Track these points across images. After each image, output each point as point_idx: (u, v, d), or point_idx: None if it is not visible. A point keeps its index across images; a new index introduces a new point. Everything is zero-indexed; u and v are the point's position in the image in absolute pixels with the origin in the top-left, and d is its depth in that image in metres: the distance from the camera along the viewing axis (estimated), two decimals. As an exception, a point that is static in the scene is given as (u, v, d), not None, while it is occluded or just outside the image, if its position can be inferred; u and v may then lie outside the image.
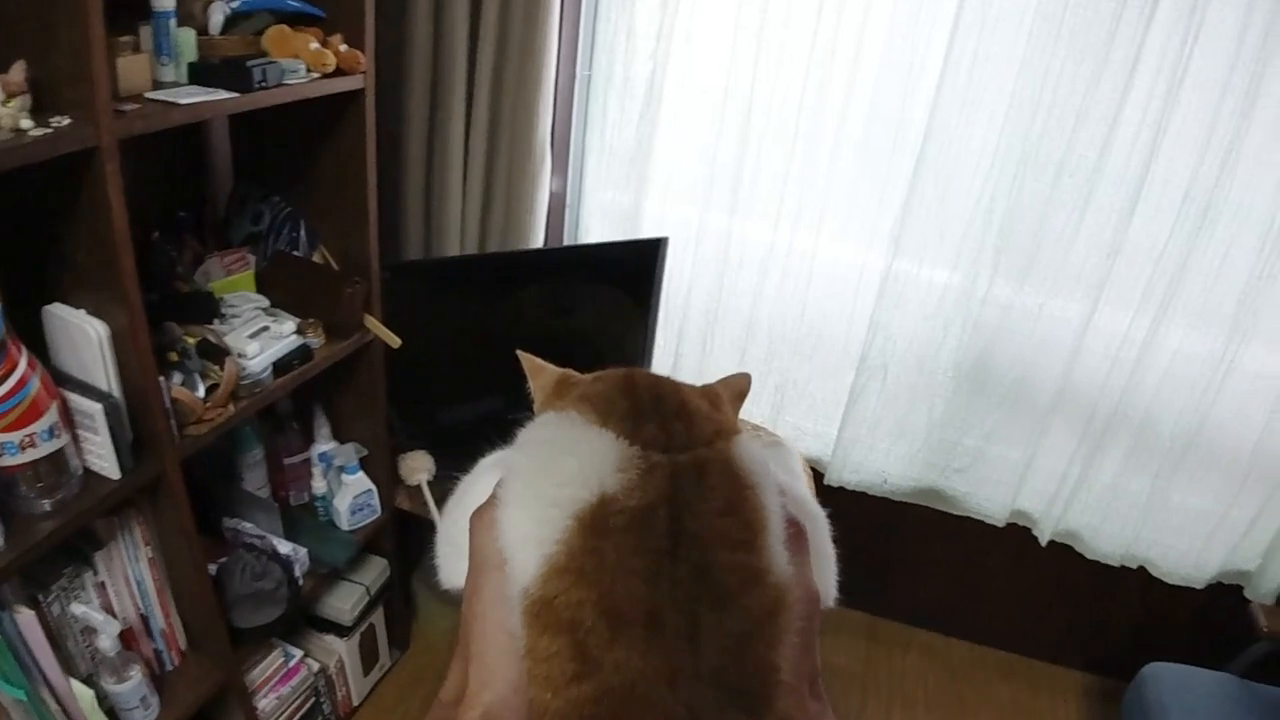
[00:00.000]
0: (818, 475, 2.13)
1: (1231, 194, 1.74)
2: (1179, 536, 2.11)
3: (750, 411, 2.11)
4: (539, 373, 0.52)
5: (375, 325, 1.73)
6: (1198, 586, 2.15)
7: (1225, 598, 2.15)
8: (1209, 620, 2.16)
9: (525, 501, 0.41)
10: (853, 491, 2.14)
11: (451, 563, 0.51)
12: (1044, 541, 2.14)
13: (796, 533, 0.43)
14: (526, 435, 0.46)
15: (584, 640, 0.37)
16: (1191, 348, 1.90)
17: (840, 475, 2.11)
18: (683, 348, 2.15)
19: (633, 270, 1.99)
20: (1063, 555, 2.18)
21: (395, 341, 1.72)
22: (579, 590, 0.37)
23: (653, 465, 0.41)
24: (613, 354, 2.10)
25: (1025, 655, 2.43)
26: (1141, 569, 2.17)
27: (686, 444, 0.42)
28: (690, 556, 0.38)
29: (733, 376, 0.53)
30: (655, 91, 1.96)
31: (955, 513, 2.14)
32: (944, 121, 1.81)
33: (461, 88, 1.90)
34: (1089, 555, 2.17)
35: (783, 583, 0.40)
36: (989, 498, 2.10)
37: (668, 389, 0.46)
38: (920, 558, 2.37)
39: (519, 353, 0.55)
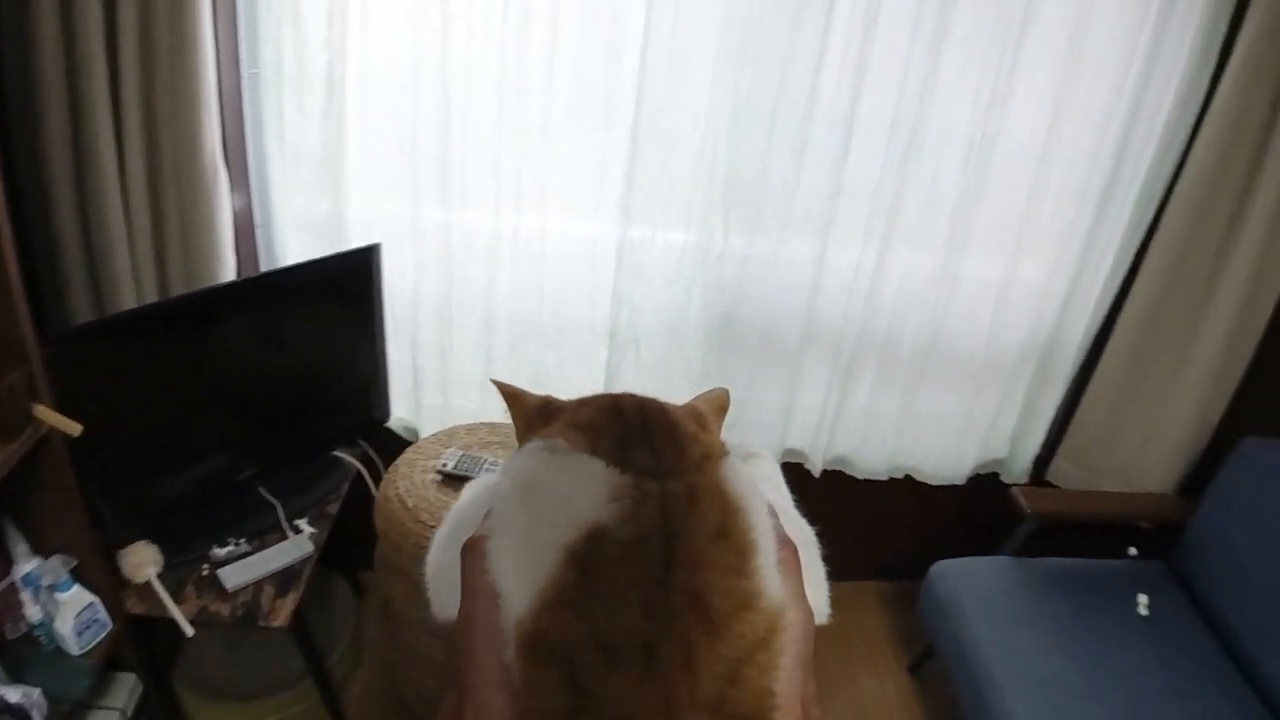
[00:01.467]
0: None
1: (932, 123, 1.83)
2: (935, 440, 2.27)
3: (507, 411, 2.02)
4: (517, 400, 0.53)
5: (47, 414, 1.48)
6: (960, 482, 2.34)
7: (986, 487, 2.35)
8: (978, 511, 2.36)
9: (516, 535, 0.42)
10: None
11: (442, 595, 0.50)
12: (817, 473, 2.23)
13: (789, 554, 0.43)
14: (514, 465, 0.46)
15: (579, 674, 0.37)
16: (917, 268, 2.01)
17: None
18: (420, 358, 2.01)
19: (347, 285, 1.83)
20: (837, 480, 2.29)
21: (74, 429, 1.48)
22: (574, 624, 0.38)
23: (645, 494, 0.41)
24: (344, 381, 1.94)
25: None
26: (908, 477, 2.33)
27: (677, 470, 0.43)
28: (683, 584, 0.39)
29: (712, 392, 0.55)
30: (336, 83, 1.77)
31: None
32: (654, 83, 1.76)
33: (106, 108, 1.62)
34: (860, 475, 2.29)
35: (776, 606, 0.40)
36: (761, 444, 2.14)
37: (654, 412, 0.47)
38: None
39: (493, 380, 0.56)
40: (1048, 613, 2.00)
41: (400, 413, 2.09)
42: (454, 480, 1.74)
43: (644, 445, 0.44)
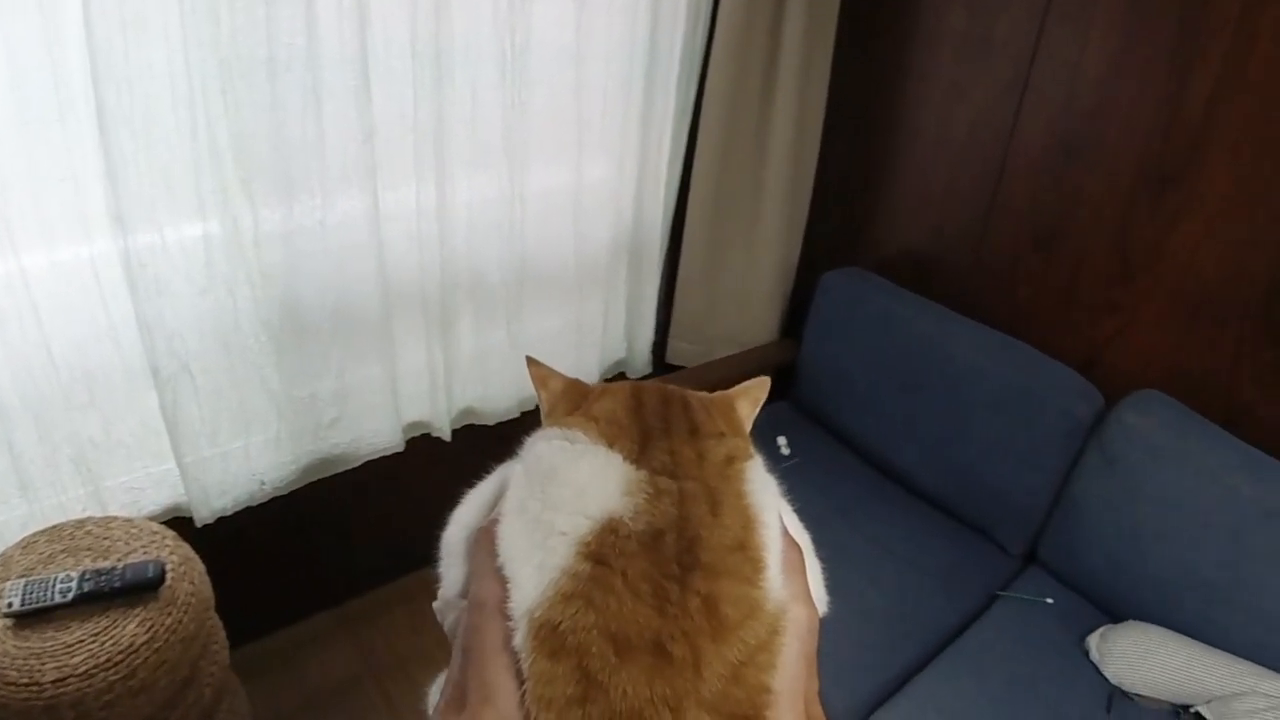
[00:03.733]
0: (186, 522, 1.77)
1: (456, 38, 1.68)
2: (556, 359, 2.20)
3: (63, 506, 1.64)
4: (546, 380, 0.54)
5: None
6: (590, 394, 2.32)
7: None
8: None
9: (529, 524, 0.43)
10: (237, 514, 1.83)
11: (452, 572, 0.51)
12: (448, 436, 2.11)
13: (795, 554, 0.46)
14: (533, 450, 0.47)
15: (589, 665, 0.38)
16: (483, 195, 1.89)
17: (211, 508, 1.78)
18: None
19: None
20: (470, 435, 2.18)
21: None
22: (586, 615, 0.39)
23: (660, 491, 0.43)
24: None
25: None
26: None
27: (697, 473, 0.45)
28: (701, 589, 0.41)
29: (752, 381, 0.57)
30: None
31: (355, 465, 1.98)
32: (110, 58, 1.41)
33: None
34: (493, 421, 2.20)
35: (778, 609, 0.42)
36: (376, 430, 1.97)
37: (676, 409, 0.50)
38: (344, 530, 2.21)
39: (528, 358, 0.57)
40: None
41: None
42: (33, 619, 1.35)
43: (663, 443, 0.46)
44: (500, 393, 2.17)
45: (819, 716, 0.44)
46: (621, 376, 2.43)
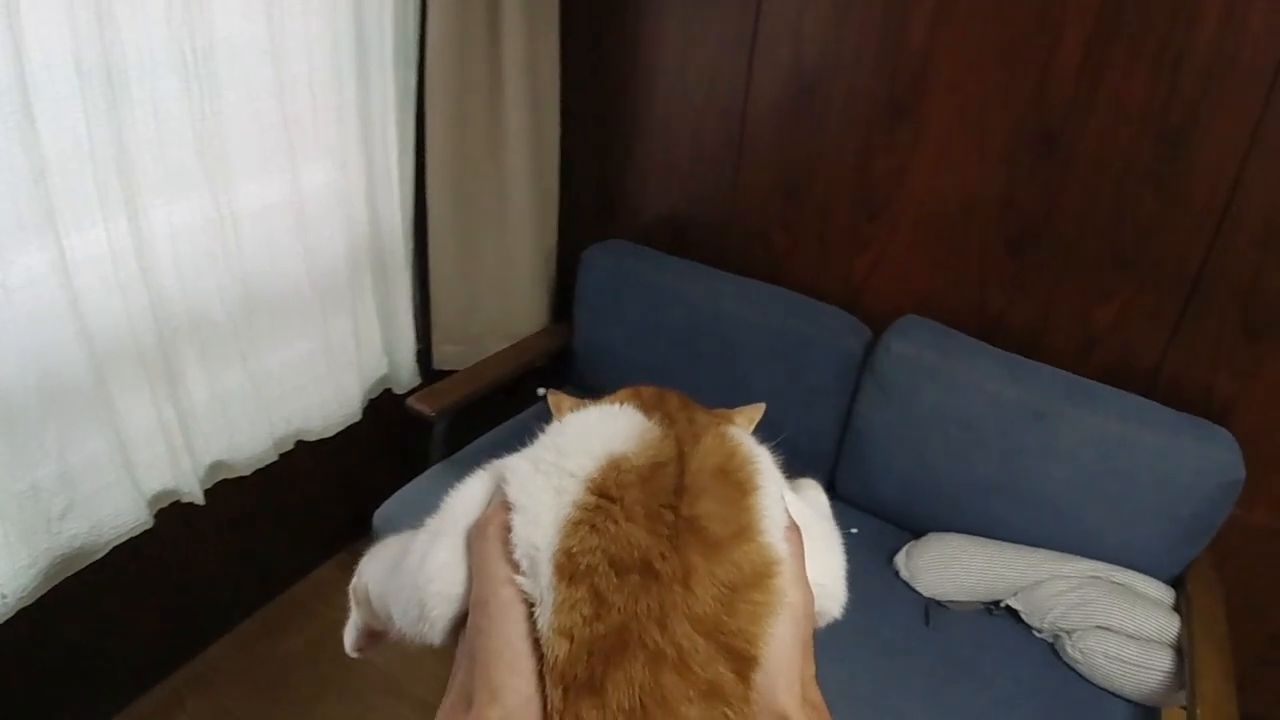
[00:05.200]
0: None
1: (127, 51, 1.47)
2: (316, 390, 2.04)
3: None
4: (561, 405, 0.57)
5: None
6: (358, 418, 2.18)
7: (389, 408, 2.22)
8: (392, 436, 2.26)
9: (545, 473, 0.47)
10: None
11: (407, 614, 0.50)
12: (200, 499, 1.87)
13: (795, 538, 0.48)
14: (543, 437, 0.52)
15: (599, 585, 0.42)
16: (186, 222, 1.68)
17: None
18: None
19: None
20: (227, 490, 1.96)
21: None
22: (591, 539, 0.43)
23: (664, 433, 0.49)
24: None
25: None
26: (300, 442, 2.09)
27: (692, 427, 0.51)
28: (685, 509, 0.45)
29: (748, 407, 0.62)
30: None
31: (102, 554, 1.73)
32: None
33: None
34: (249, 469, 1.99)
35: (774, 552, 0.45)
36: (116, 511, 1.72)
37: (672, 393, 0.58)
38: (110, 628, 1.95)
39: (549, 391, 0.64)
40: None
41: None
42: None
43: (662, 409, 0.53)
44: (250, 439, 1.95)
45: (816, 698, 0.46)
46: (388, 394, 2.27)
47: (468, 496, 0.52)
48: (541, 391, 2.32)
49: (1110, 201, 1.77)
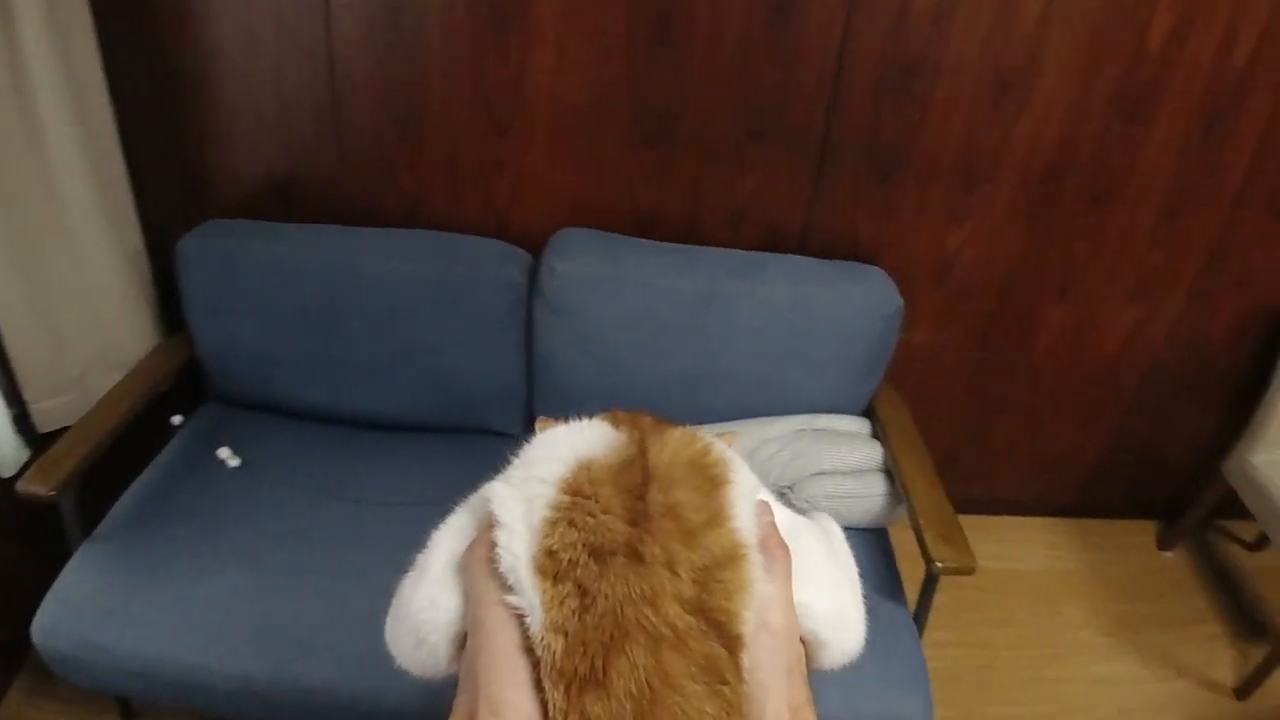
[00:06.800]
0: None
1: None
2: None
3: None
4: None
5: None
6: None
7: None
8: (21, 524, 1.80)
9: (517, 485, 0.50)
10: None
11: (407, 648, 0.54)
12: None
13: (782, 556, 0.51)
14: (517, 460, 0.55)
15: (581, 578, 0.45)
16: None
17: None
18: None
19: None
20: None
21: None
22: (570, 534, 0.46)
23: (630, 438, 0.53)
24: None
25: None
26: None
27: (659, 434, 0.54)
28: (659, 499, 0.48)
29: (725, 433, 0.63)
30: None
31: None
32: None
33: None
34: None
35: (742, 538, 0.49)
36: None
37: (643, 414, 0.59)
38: None
39: (540, 419, 0.62)
40: (169, 551, 1.68)
41: None
42: None
43: (634, 423, 0.55)
44: None
45: None
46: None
47: (454, 527, 0.55)
48: (177, 420, 1.98)
49: (733, 77, 1.80)
